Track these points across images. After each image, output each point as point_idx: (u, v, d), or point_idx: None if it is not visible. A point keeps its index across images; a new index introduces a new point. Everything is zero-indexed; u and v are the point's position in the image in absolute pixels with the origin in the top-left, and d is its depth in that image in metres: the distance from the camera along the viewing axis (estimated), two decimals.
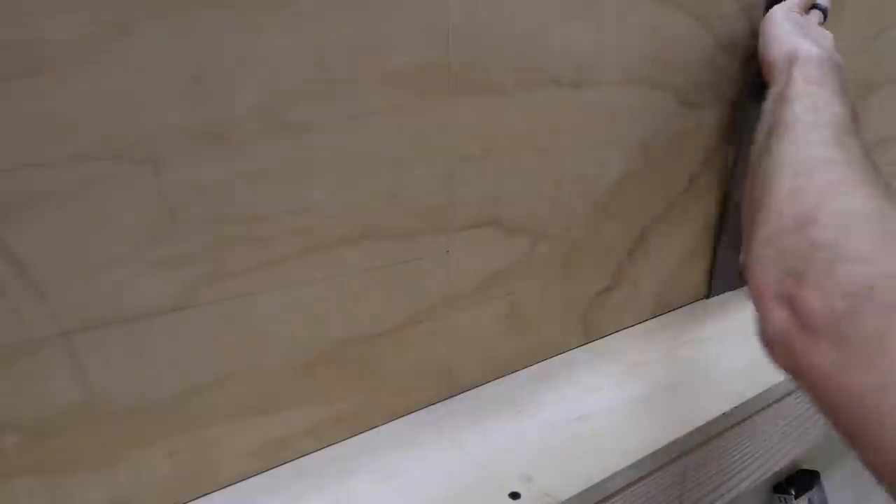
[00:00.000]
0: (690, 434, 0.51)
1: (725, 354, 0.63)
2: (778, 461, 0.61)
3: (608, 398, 0.55)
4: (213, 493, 0.43)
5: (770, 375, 0.59)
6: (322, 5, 0.39)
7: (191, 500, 0.42)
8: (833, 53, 0.50)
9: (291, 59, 0.39)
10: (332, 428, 0.48)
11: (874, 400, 0.29)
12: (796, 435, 0.62)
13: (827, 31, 0.59)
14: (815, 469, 0.79)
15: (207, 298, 0.39)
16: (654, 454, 0.49)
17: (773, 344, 0.34)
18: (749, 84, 0.67)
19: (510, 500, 0.44)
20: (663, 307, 0.71)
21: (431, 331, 0.51)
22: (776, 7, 0.60)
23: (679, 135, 0.65)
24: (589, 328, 0.63)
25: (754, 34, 0.68)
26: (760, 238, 0.37)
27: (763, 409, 0.57)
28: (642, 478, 0.49)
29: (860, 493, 0.90)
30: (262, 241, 0.41)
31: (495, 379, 0.57)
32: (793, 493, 0.75)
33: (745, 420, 0.55)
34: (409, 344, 0.50)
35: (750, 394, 0.56)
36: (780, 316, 0.34)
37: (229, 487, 0.43)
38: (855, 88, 0.85)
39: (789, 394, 0.60)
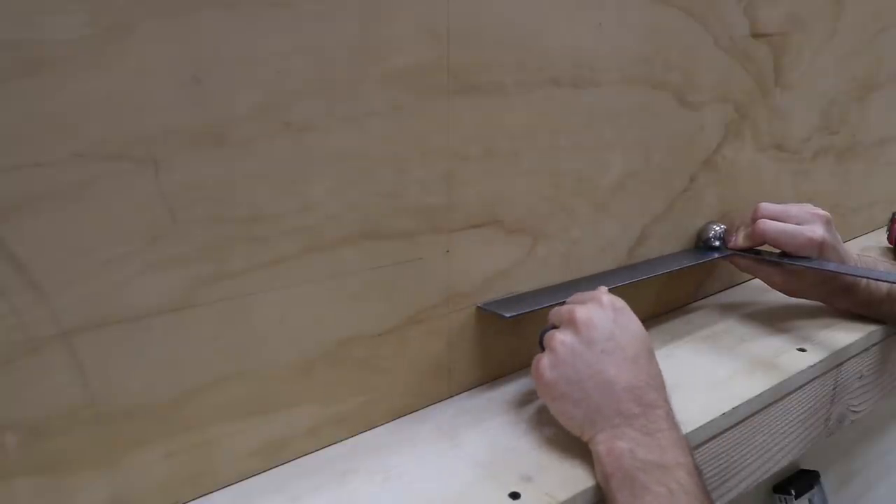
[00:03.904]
0: (690, 434, 0.51)
1: (725, 354, 0.63)
2: (778, 461, 0.61)
3: None
4: (213, 493, 0.43)
5: (769, 376, 0.59)
6: (322, 5, 0.39)
7: (191, 500, 0.42)
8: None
9: (291, 59, 0.39)
10: (332, 428, 0.48)
11: None
12: (796, 435, 0.62)
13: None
14: (815, 469, 0.79)
15: (207, 298, 0.39)
16: None
17: None
18: None
19: (510, 500, 0.44)
20: (662, 307, 0.71)
21: (431, 331, 0.51)
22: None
23: (679, 135, 0.65)
24: None
25: (754, 35, 0.68)
26: None
27: (763, 409, 0.57)
28: None
29: (860, 493, 0.90)
30: (262, 241, 0.41)
31: (495, 379, 0.57)
32: (793, 493, 0.75)
33: (744, 420, 0.55)
34: (409, 344, 0.50)
35: (749, 394, 0.56)
36: None
37: (229, 487, 0.43)
38: (855, 88, 0.85)
39: (789, 394, 0.60)
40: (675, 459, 0.43)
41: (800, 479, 0.77)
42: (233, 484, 0.44)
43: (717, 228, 0.70)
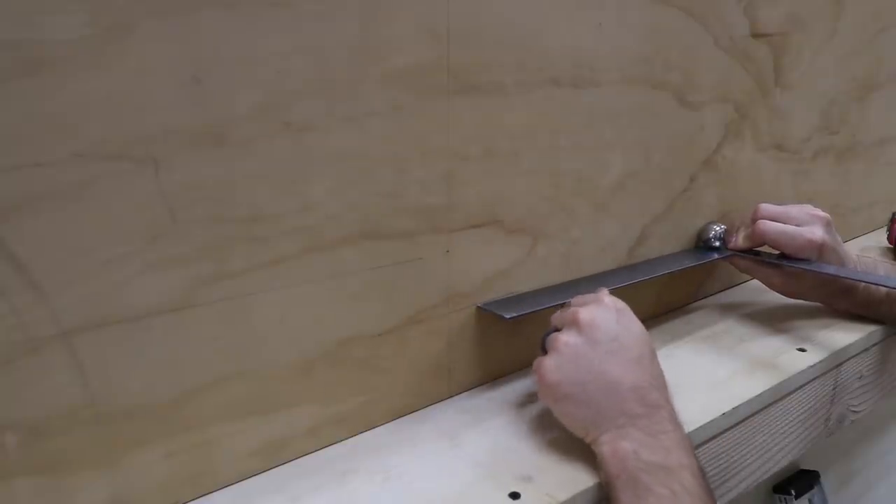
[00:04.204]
0: (690, 434, 0.51)
1: (725, 354, 0.63)
2: (778, 461, 0.61)
3: None
4: (213, 493, 0.43)
5: (769, 376, 0.59)
6: (322, 5, 0.39)
7: (191, 500, 0.42)
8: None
9: (291, 59, 0.39)
10: (332, 428, 0.48)
11: None
12: (796, 435, 0.62)
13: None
14: (815, 469, 0.79)
15: (207, 298, 0.39)
16: None
17: None
18: None
19: (510, 500, 0.44)
20: (662, 307, 0.71)
21: (431, 331, 0.51)
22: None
23: (679, 135, 0.65)
24: None
25: (754, 35, 0.68)
26: None
27: (763, 409, 0.57)
28: None
29: (860, 493, 0.90)
30: (262, 241, 0.41)
31: (495, 379, 0.57)
32: (793, 493, 0.75)
33: (744, 420, 0.55)
34: (409, 344, 0.50)
35: (749, 394, 0.56)
36: None
37: (229, 487, 0.43)
38: (855, 88, 0.85)
39: (789, 394, 0.60)
40: (678, 461, 0.43)
41: (800, 479, 0.77)
42: (233, 484, 0.44)
43: (717, 229, 0.70)
